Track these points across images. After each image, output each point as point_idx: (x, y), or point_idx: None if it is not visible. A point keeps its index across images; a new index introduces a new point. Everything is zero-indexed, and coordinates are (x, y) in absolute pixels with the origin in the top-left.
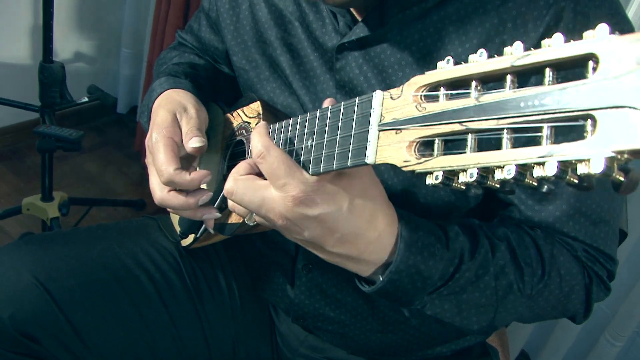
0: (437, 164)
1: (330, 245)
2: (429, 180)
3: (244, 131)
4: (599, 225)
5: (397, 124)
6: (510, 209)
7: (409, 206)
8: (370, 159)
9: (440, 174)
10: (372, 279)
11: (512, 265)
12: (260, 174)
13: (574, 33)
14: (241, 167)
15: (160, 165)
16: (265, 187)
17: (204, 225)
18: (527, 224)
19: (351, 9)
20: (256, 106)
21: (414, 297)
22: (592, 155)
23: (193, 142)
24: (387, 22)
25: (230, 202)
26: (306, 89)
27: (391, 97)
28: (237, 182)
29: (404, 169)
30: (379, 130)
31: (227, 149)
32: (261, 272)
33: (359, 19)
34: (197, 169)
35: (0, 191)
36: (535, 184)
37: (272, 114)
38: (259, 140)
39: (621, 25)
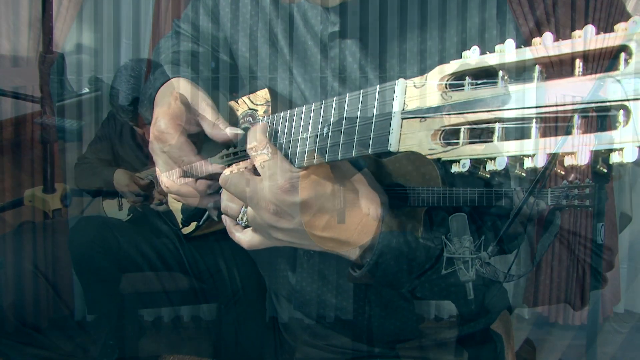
0: (465, 152)
1: (320, 229)
2: (455, 169)
3: (251, 118)
4: (595, 220)
5: (422, 112)
6: (506, 201)
7: None
8: (393, 146)
9: (467, 162)
10: (363, 263)
11: (497, 254)
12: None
13: (566, 27)
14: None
15: (180, 152)
16: (256, 180)
17: (206, 213)
18: (522, 217)
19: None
20: (264, 94)
21: (402, 280)
22: (626, 144)
23: (231, 130)
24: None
25: (223, 204)
26: (302, 76)
27: (414, 85)
28: (232, 173)
29: (429, 156)
30: (402, 119)
31: None
32: (263, 259)
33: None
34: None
35: (2, 183)
36: (563, 172)
37: (280, 102)
38: (254, 136)
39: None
